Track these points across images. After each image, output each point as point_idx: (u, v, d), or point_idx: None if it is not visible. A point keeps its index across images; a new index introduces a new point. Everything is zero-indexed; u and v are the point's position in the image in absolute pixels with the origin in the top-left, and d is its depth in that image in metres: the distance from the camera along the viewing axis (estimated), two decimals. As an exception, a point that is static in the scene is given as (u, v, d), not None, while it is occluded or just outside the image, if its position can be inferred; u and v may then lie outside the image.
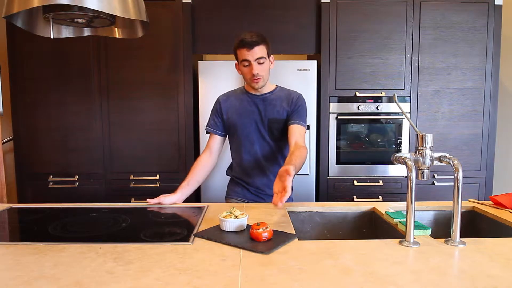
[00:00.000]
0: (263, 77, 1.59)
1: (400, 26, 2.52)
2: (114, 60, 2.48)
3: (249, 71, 1.58)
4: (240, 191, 1.75)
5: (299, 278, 0.86)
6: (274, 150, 1.69)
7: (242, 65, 1.60)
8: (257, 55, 1.55)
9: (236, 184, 1.77)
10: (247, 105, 1.68)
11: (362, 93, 2.54)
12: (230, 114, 1.69)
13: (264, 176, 1.70)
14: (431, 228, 1.19)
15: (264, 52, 1.58)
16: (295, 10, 2.54)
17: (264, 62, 1.59)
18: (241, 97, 1.71)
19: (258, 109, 1.67)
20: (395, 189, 2.60)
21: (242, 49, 1.55)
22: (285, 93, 1.71)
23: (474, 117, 2.58)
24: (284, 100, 1.68)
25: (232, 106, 1.70)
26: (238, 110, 1.69)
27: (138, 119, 2.52)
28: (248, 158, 1.69)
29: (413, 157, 1.15)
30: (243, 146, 1.69)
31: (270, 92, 1.69)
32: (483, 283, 0.83)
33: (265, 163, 1.69)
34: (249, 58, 1.55)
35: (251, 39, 1.53)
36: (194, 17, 2.53)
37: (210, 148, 1.75)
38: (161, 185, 2.53)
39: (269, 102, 1.67)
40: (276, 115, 1.66)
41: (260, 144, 1.68)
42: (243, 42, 1.54)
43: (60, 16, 1.35)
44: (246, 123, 1.66)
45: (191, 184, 1.67)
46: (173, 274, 0.87)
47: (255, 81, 1.59)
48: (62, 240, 1.11)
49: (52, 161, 2.53)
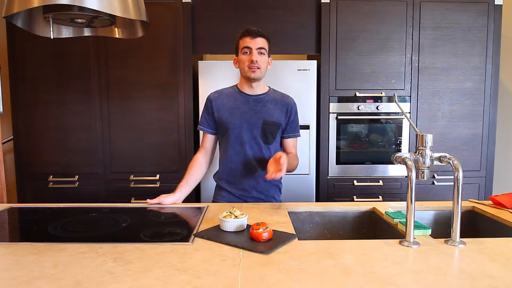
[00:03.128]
0: (260, 68, 1.59)
1: (400, 26, 2.52)
2: (114, 60, 2.48)
3: (248, 58, 1.58)
4: (226, 195, 1.71)
5: (299, 278, 0.86)
6: (264, 151, 1.66)
7: (242, 53, 1.60)
8: (259, 44, 1.58)
9: (221, 189, 1.73)
10: (239, 105, 1.65)
11: (362, 93, 2.54)
12: (222, 113, 1.66)
13: (252, 177, 1.67)
14: (431, 228, 1.19)
15: (266, 46, 1.61)
16: (295, 10, 2.54)
17: (264, 54, 1.60)
18: (234, 95, 1.68)
19: (251, 110, 1.64)
20: (395, 189, 2.60)
21: (246, 37, 1.58)
22: (279, 96, 1.70)
23: (474, 117, 2.58)
24: (279, 103, 1.67)
25: (223, 104, 1.67)
26: (230, 109, 1.65)
27: (138, 119, 2.52)
28: (237, 158, 1.66)
29: (413, 157, 1.15)
30: (232, 146, 1.65)
31: (264, 93, 1.68)
32: (483, 283, 0.83)
33: (254, 164, 1.65)
34: (251, 46, 1.57)
35: (257, 29, 1.59)
36: (194, 17, 2.53)
37: (205, 147, 1.74)
38: (161, 185, 2.53)
39: (263, 103, 1.66)
40: (271, 118, 1.64)
41: (251, 145, 1.65)
42: (248, 31, 1.59)
43: (60, 16, 1.35)
44: (238, 122, 1.63)
45: (189, 183, 1.66)
46: (173, 274, 0.87)
47: (252, 69, 1.58)
48: (62, 240, 1.12)
49: (52, 161, 2.53)
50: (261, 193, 1.68)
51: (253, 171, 1.66)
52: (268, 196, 1.70)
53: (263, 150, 1.66)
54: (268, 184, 1.69)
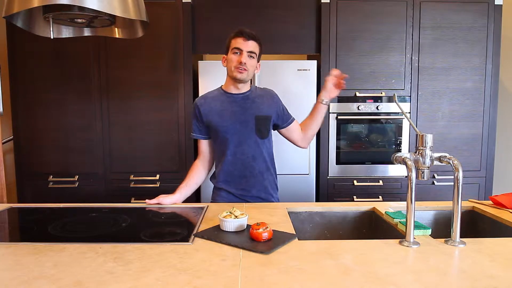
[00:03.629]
0: (248, 70, 1.58)
1: (400, 26, 2.52)
2: (114, 60, 2.48)
3: (237, 59, 1.57)
4: (225, 195, 1.70)
5: (299, 278, 0.86)
6: (261, 147, 1.66)
7: (232, 52, 1.58)
8: (250, 48, 1.57)
9: (220, 189, 1.72)
10: (228, 106, 1.64)
11: (362, 93, 2.54)
12: (211, 117, 1.64)
13: (251, 175, 1.66)
14: (431, 228, 1.19)
15: (257, 50, 1.60)
16: (295, 10, 2.54)
17: (254, 58, 1.60)
18: (220, 98, 1.66)
19: (241, 108, 1.63)
20: (395, 189, 2.60)
21: (239, 38, 1.57)
22: (262, 91, 1.71)
23: (474, 117, 2.58)
24: (265, 97, 1.68)
25: (211, 108, 1.65)
26: (219, 111, 1.64)
27: (138, 119, 2.52)
28: (233, 159, 1.65)
29: (413, 157, 1.15)
30: (228, 148, 1.64)
31: (248, 90, 1.67)
32: (483, 283, 0.83)
33: (252, 162, 1.65)
34: (242, 48, 1.56)
35: (250, 32, 1.58)
36: (194, 17, 2.53)
37: (202, 153, 1.74)
38: (161, 185, 2.53)
39: (250, 100, 1.65)
40: (260, 112, 1.64)
41: (247, 144, 1.64)
42: (242, 32, 1.57)
43: (60, 16, 1.35)
44: (229, 124, 1.62)
45: (189, 185, 1.67)
46: (173, 274, 0.87)
47: (239, 70, 1.57)
48: (62, 240, 1.11)
49: (52, 161, 2.53)
50: (260, 191, 1.68)
51: (251, 170, 1.66)
52: (267, 194, 1.70)
53: (259, 145, 1.66)
54: (266, 182, 1.69)
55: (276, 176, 1.77)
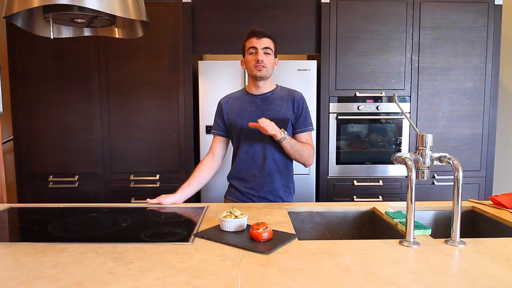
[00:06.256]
0: (266, 67, 1.62)
1: (400, 26, 2.52)
2: (114, 60, 2.48)
3: (254, 58, 1.62)
4: (234, 192, 1.74)
5: (299, 278, 0.86)
6: (273, 149, 1.67)
7: (248, 53, 1.64)
8: (264, 44, 1.61)
9: (232, 186, 1.77)
10: (247, 106, 1.69)
11: (362, 93, 2.54)
12: (230, 115, 1.71)
13: (260, 176, 1.68)
14: (431, 228, 1.19)
15: (272, 46, 1.64)
16: (295, 10, 2.54)
17: (270, 54, 1.63)
18: (241, 98, 1.73)
19: (259, 109, 1.67)
20: (395, 189, 2.60)
21: (252, 38, 1.62)
22: (286, 92, 1.72)
23: (474, 117, 2.58)
24: (285, 99, 1.68)
25: (232, 107, 1.72)
26: (238, 111, 1.70)
27: (138, 119, 2.52)
28: (245, 158, 1.69)
29: (413, 157, 1.15)
30: (241, 147, 1.69)
31: (270, 91, 1.70)
32: (483, 283, 0.83)
33: (262, 163, 1.67)
34: (257, 46, 1.61)
35: (263, 30, 1.62)
36: (194, 17, 2.53)
37: (213, 151, 1.76)
38: (161, 185, 2.53)
39: (269, 101, 1.68)
40: (277, 115, 1.65)
41: (259, 145, 1.67)
42: (254, 31, 1.62)
43: (60, 16, 1.35)
44: (245, 123, 1.66)
45: (192, 186, 1.67)
46: (173, 274, 0.87)
47: (258, 68, 1.61)
48: (62, 240, 1.12)
49: (52, 161, 2.53)
50: (268, 192, 1.68)
51: (261, 170, 1.67)
52: (276, 196, 1.70)
53: (272, 147, 1.67)
54: (276, 184, 1.69)
55: (291, 180, 1.75)
